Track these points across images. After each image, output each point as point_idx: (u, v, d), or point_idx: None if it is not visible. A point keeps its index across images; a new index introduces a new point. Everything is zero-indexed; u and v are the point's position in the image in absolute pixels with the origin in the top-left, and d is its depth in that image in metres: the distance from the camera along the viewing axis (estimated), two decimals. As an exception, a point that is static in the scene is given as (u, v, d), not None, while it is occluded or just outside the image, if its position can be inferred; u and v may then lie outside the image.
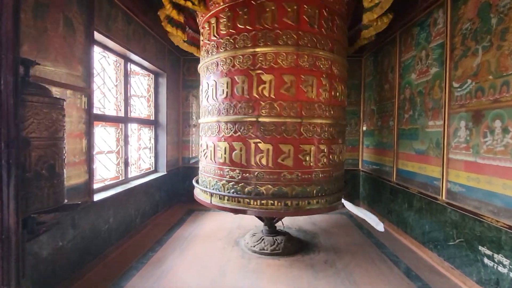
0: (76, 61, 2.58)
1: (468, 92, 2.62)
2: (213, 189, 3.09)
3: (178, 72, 5.48)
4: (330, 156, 3.04)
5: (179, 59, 5.50)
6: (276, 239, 3.34)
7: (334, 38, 3.02)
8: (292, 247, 3.32)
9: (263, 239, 3.36)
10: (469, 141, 2.59)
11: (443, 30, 2.99)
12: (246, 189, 2.88)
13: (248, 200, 2.87)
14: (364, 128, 5.35)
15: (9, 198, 1.05)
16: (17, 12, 1.32)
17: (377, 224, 2.61)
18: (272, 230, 3.46)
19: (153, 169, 4.80)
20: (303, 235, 3.82)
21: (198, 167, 3.58)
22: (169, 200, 5.07)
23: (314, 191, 2.92)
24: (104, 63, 3.49)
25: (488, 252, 2.33)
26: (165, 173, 4.84)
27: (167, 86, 4.89)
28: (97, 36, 2.95)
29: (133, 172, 4.17)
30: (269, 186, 2.84)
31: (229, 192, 2.94)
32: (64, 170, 1.51)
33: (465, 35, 2.67)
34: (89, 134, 2.77)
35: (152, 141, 4.81)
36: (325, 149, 2.98)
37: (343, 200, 3.03)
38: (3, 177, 1.05)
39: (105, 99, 3.51)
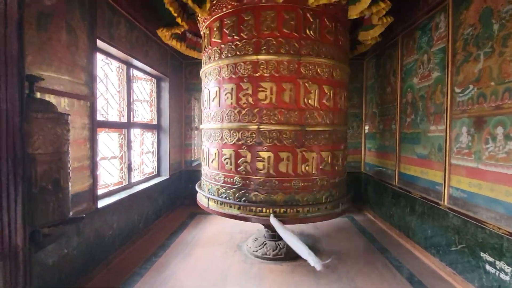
0: (79, 69, 2.61)
1: (470, 97, 2.61)
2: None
3: (180, 76, 5.50)
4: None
5: (181, 63, 5.52)
6: (278, 244, 3.35)
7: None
8: (295, 252, 3.32)
9: (265, 244, 3.37)
10: (471, 147, 2.59)
11: (444, 34, 2.98)
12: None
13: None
14: (366, 128, 5.34)
15: (17, 216, 1.07)
16: (21, 29, 1.34)
17: (308, 257, 2.30)
18: (274, 235, 3.46)
19: (156, 173, 4.84)
20: (305, 240, 3.83)
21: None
22: (172, 204, 5.10)
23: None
24: (107, 69, 3.52)
25: (490, 259, 2.33)
26: (168, 177, 4.87)
27: (169, 90, 4.91)
28: (100, 43, 2.97)
29: (136, 176, 4.20)
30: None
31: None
32: (69, 183, 1.53)
33: (467, 40, 2.66)
34: (92, 141, 2.80)
35: (155, 145, 4.84)
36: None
37: (271, 218, 2.74)
38: (10, 195, 1.07)
39: (108, 105, 3.54)
